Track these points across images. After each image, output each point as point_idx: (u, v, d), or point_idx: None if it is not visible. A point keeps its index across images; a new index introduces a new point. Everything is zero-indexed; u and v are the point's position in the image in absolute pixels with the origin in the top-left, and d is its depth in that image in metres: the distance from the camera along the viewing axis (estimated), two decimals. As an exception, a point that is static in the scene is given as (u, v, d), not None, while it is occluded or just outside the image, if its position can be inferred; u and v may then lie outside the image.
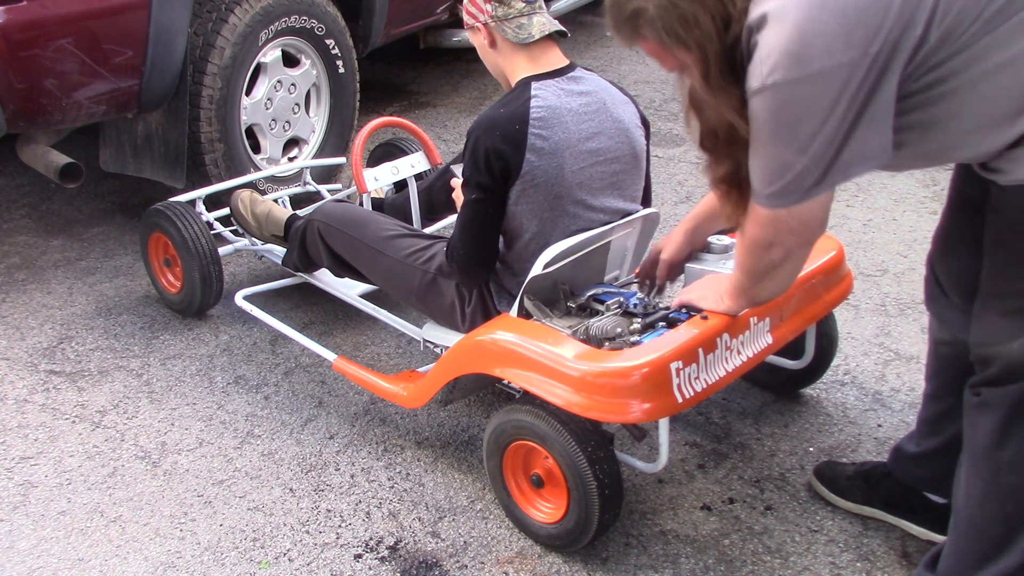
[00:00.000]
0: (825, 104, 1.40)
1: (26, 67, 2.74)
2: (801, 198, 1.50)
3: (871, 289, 3.11)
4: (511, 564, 2.05)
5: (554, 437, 1.93)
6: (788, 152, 1.45)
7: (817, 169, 1.45)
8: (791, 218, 1.54)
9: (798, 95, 1.41)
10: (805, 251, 1.67)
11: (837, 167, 1.45)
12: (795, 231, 1.57)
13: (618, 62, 5.53)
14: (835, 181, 1.47)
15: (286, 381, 2.72)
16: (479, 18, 2.21)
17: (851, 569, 2.02)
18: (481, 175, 2.09)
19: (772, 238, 1.60)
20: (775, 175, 1.50)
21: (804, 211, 1.52)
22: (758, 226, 1.60)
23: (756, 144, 1.51)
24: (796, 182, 1.48)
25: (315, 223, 2.63)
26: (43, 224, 3.67)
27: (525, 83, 2.15)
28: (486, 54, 2.27)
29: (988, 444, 1.59)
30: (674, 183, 3.96)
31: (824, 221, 1.57)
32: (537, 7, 2.20)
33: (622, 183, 2.25)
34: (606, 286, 2.25)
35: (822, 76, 1.38)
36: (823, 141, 1.42)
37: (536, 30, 2.17)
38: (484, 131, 2.09)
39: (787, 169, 1.47)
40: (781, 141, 1.46)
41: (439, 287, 2.36)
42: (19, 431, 2.50)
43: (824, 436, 2.44)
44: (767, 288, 1.79)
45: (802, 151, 1.44)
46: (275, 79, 3.49)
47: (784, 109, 1.43)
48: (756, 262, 1.69)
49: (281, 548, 2.11)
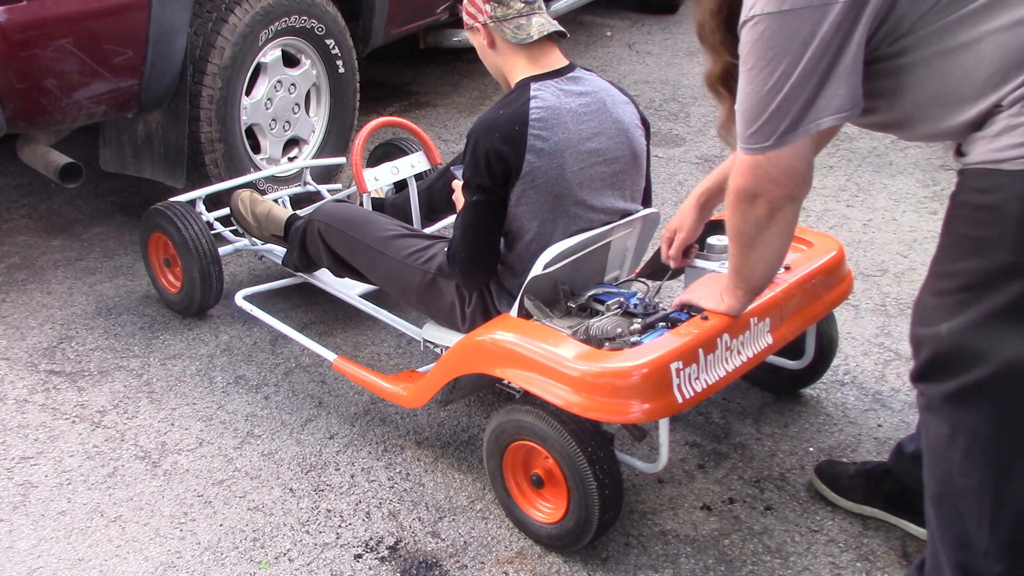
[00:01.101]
0: (797, 44, 1.44)
1: (26, 67, 2.74)
2: (777, 142, 1.53)
3: (871, 289, 3.11)
4: (511, 564, 2.05)
5: (554, 437, 1.93)
6: (764, 90, 1.50)
7: (790, 112, 1.49)
8: (771, 166, 1.56)
9: (773, 31, 1.46)
10: (790, 211, 1.67)
11: (810, 115, 1.49)
12: (776, 180, 1.58)
13: (618, 62, 5.53)
14: (808, 129, 1.51)
15: (286, 381, 2.72)
16: (478, 18, 2.21)
17: (851, 569, 2.02)
18: (481, 177, 2.09)
19: (754, 187, 1.61)
20: (752, 115, 1.53)
21: (783, 159, 1.55)
22: (741, 175, 1.62)
23: (740, 82, 1.55)
24: (770, 123, 1.51)
25: (315, 223, 2.63)
26: (43, 224, 3.67)
27: (524, 84, 2.15)
28: (485, 54, 2.28)
29: (939, 445, 1.58)
30: (674, 183, 3.96)
31: (806, 174, 1.59)
32: (536, 7, 2.20)
33: (622, 183, 2.25)
34: (606, 286, 2.25)
35: (794, 15, 1.43)
36: (796, 84, 1.47)
37: (535, 31, 2.16)
38: (484, 133, 2.09)
39: (763, 109, 1.51)
40: (759, 78, 1.50)
41: (439, 287, 2.36)
42: (19, 431, 2.50)
43: (824, 436, 2.44)
44: (758, 261, 1.77)
45: (776, 91, 1.48)
46: (275, 79, 3.49)
47: (760, 43, 1.48)
48: (743, 220, 1.69)
49: (281, 548, 2.11)
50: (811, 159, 1.58)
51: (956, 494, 1.57)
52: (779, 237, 1.72)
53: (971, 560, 1.58)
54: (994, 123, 1.41)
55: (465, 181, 2.15)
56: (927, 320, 1.53)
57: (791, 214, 1.68)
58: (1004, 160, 1.39)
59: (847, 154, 4.21)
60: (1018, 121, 1.38)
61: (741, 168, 1.61)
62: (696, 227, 2.18)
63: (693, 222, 2.17)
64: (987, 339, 1.45)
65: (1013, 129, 1.38)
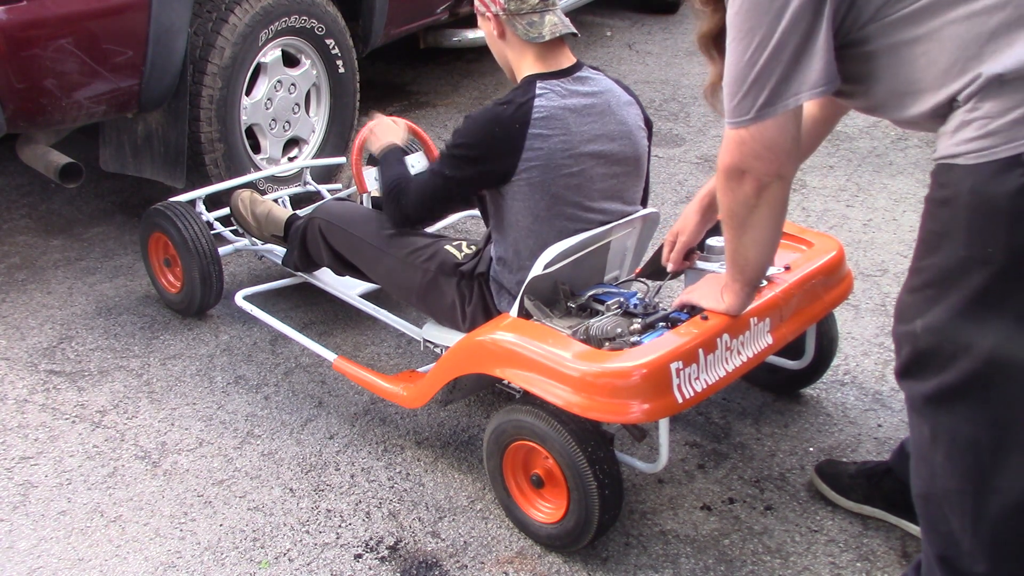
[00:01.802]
0: (771, 16, 1.47)
1: (26, 67, 2.74)
2: (758, 115, 1.55)
3: (871, 289, 3.11)
4: (511, 564, 2.05)
5: (554, 437, 1.93)
6: (743, 61, 1.53)
7: (767, 85, 1.52)
8: (754, 141, 1.58)
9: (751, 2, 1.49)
10: (777, 188, 1.67)
11: (788, 89, 1.51)
12: (760, 156, 1.60)
13: (618, 62, 5.53)
14: (787, 104, 1.53)
15: (286, 381, 2.72)
16: (490, 7, 2.19)
17: (851, 569, 2.02)
18: (466, 161, 2.13)
19: (740, 163, 1.63)
20: (735, 87, 1.56)
21: (766, 133, 1.56)
22: (727, 152, 1.64)
23: (726, 53, 1.58)
24: (750, 96, 1.53)
25: (316, 221, 2.63)
26: (43, 224, 3.67)
27: (530, 81, 2.15)
28: (494, 43, 2.26)
29: (922, 446, 1.58)
30: (674, 183, 3.96)
31: (791, 151, 1.60)
32: (551, 4, 2.18)
33: (622, 186, 2.25)
34: (606, 286, 2.25)
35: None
36: (771, 56, 1.50)
37: (547, 30, 2.15)
38: (484, 124, 2.10)
39: (742, 80, 1.54)
40: (738, 49, 1.53)
41: (440, 286, 2.36)
42: (19, 431, 2.50)
43: (824, 436, 2.44)
44: (752, 244, 1.78)
45: (752, 63, 1.51)
46: (275, 79, 3.49)
47: (740, 14, 1.51)
48: (732, 199, 1.70)
49: (281, 548, 2.11)
50: (795, 135, 1.60)
51: (939, 494, 1.57)
52: (769, 218, 1.72)
53: (956, 559, 1.58)
54: (952, 118, 1.43)
55: (448, 152, 2.16)
56: (904, 317, 1.54)
57: (780, 192, 1.69)
58: (959, 155, 1.40)
59: (847, 154, 4.21)
60: (971, 117, 1.39)
61: (727, 145, 1.64)
62: (698, 231, 2.18)
63: (695, 225, 2.17)
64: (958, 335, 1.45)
65: (967, 125, 1.40)
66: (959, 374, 1.47)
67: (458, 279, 2.35)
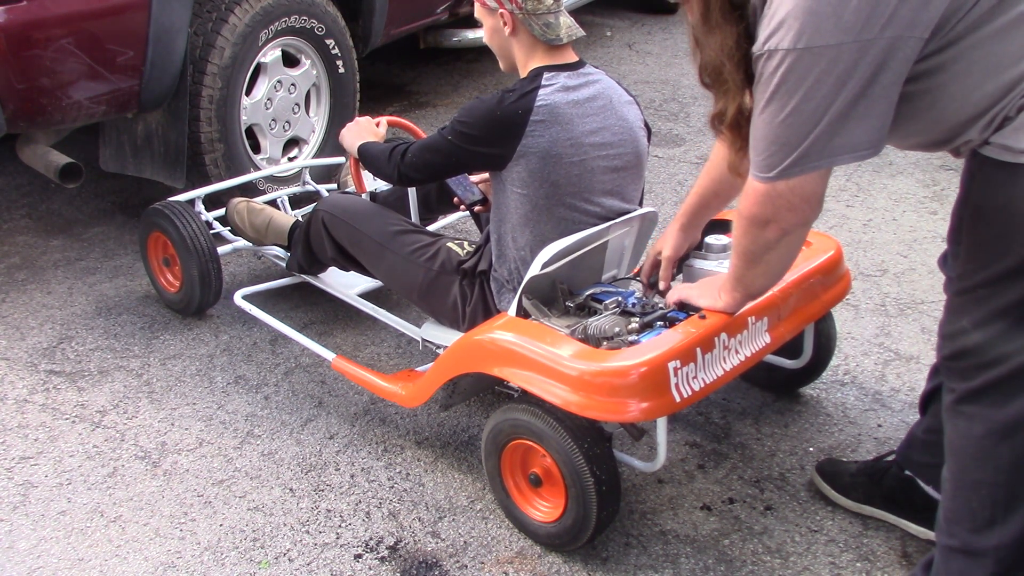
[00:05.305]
0: (811, 82, 1.43)
1: (26, 67, 2.74)
2: (783, 174, 1.52)
3: (871, 289, 3.11)
4: (511, 564, 2.05)
5: (551, 435, 1.93)
6: (776, 121, 1.48)
7: (801, 147, 1.48)
8: (792, 194, 1.55)
9: (790, 66, 1.44)
10: (800, 233, 1.67)
11: (823, 152, 1.48)
12: (794, 207, 1.57)
13: (618, 62, 5.53)
14: (819, 165, 1.50)
15: (286, 381, 2.72)
16: (505, 4, 2.19)
17: (851, 569, 2.02)
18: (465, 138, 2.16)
19: (771, 215, 1.60)
20: (765, 144, 1.52)
21: (806, 187, 1.54)
22: (755, 204, 1.60)
23: (756, 109, 1.54)
24: (781, 154, 1.50)
25: (320, 213, 2.63)
26: (43, 224, 3.67)
27: (538, 73, 2.17)
28: (499, 38, 2.26)
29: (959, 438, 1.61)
30: (674, 183, 3.96)
31: (820, 199, 1.58)
32: (561, 5, 2.22)
33: (623, 183, 2.25)
34: (604, 285, 2.25)
35: (809, 53, 1.42)
36: (807, 121, 1.45)
37: (564, 33, 2.19)
38: (489, 107, 2.13)
39: (775, 140, 1.50)
40: (772, 108, 1.49)
41: (442, 285, 2.37)
42: (19, 431, 2.51)
43: (824, 436, 2.44)
44: (761, 275, 1.79)
45: (789, 125, 1.47)
46: (275, 79, 3.49)
47: (776, 76, 1.46)
48: (751, 242, 1.69)
49: (281, 548, 2.11)
50: (826, 183, 1.57)
51: (969, 486, 1.59)
52: (786, 256, 1.73)
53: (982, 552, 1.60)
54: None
55: (452, 124, 2.18)
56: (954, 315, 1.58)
57: (801, 236, 1.69)
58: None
59: (847, 154, 4.20)
60: None
61: (756, 196, 1.59)
62: (679, 248, 2.21)
63: (676, 242, 2.20)
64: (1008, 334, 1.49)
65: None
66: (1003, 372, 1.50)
67: (460, 277, 2.35)
